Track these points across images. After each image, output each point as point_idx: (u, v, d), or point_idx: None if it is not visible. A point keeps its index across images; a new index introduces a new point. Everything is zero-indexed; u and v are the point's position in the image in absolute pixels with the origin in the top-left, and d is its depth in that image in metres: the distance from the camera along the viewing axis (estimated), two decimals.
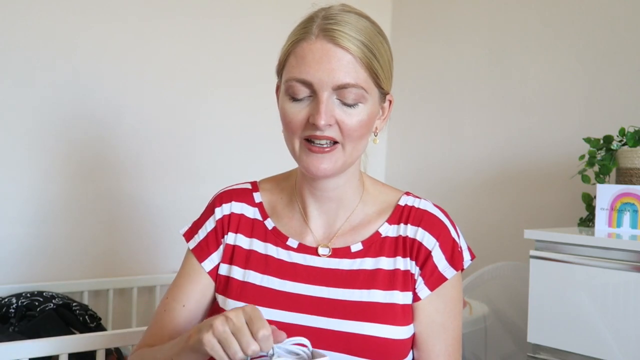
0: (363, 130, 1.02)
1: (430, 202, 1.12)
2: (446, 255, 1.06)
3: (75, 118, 2.00)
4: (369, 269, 1.06)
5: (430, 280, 1.05)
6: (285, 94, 1.02)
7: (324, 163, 1.01)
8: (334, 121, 0.99)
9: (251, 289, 1.07)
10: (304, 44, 1.00)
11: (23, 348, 1.38)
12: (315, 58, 0.98)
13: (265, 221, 1.12)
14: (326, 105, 0.98)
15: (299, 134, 1.01)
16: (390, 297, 1.03)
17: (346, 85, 0.98)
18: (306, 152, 1.01)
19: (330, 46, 0.99)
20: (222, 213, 1.13)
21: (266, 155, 2.33)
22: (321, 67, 0.98)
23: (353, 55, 0.99)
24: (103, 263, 2.07)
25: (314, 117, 0.98)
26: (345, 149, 1.01)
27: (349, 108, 1.00)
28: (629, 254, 1.44)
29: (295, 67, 1.00)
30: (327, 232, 1.10)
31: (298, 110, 1.00)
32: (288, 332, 1.00)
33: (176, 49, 2.20)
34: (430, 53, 2.57)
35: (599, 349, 1.47)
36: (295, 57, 1.01)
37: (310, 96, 1.00)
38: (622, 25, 2.01)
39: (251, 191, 1.15)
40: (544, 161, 2.17)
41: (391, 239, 1.08)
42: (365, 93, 1.00)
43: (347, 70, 0.98)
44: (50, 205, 1.97)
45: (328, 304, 1.04)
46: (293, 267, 1.07)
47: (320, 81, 0.98)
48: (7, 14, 1.87)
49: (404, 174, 2.62)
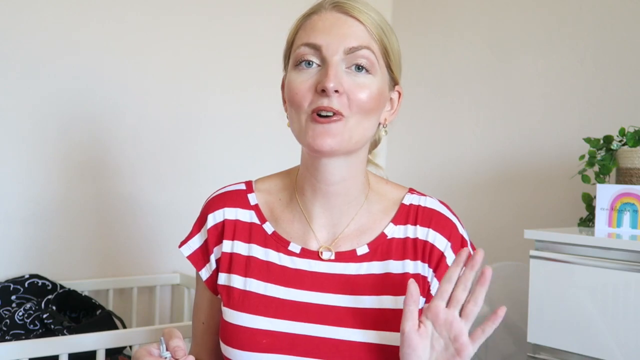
0: (371, 104, 0.97)
1: (436, 200, 1.09)
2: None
3: (75, 118, 2.00)
4: (378, 274, 1.01)
5: None
6: (292, 65, 0.99)
7: (328, 137, 0.94)
8: (342, 89, 0.94)
9: (254, 299, 1.01)
10: (314, 16, 0.98)
11: (23, 348, 1.38)
12: (326, 25, 0.96)
13: (263, 225, 1.06)
14: (336, 69, 0.94)
15: (305, 107, 0.96)
16: (401, 303, 0.99)
17: (358, 47, 0.95)
18: (312, 126, 0.95)
19: (342, 15, 0.97)
20: (214, 221, 1.08)
21: (267, 157, 2.34)
22: (332, 32, 0.95)
23: (365, 25, 0.97)
24: (103, 263, 2.07)
25: (322, 83, 0.93)
26: (350, 123, 0.96)
27: (358, 75, 0.96)
28: (629, 254, 1.44)
29: (304, 36, 0.97)
30: (331, 232, 1.04)
31: (305, 79, 0.96)
32: (296, 343, 0.98)
33: (177, 48, 2.20)
34: (430, 53, 2.57)
35: (599, 349, 1.47)
36: (304, 29, 0.99)
37: (319, 65, 0.96)
38: (622, 25, 2.01)
39: (245, 192, 1.09)
40: (544, 161, 2.17)
41: (398, 241, 1.04)
42: (375, 62, 0.97)
43: (358, 35, 0.96)
44: (50, 205, 1.97)
45: (337, 312, 0.99)
46: (297, 274, 1.02)
47: (330, 44, 0.95)
48: (7, 13, 1.87)
49: (404, 174, 2.62)
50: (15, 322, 1.68)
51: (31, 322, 1.68)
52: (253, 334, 0.99)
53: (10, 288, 1.81)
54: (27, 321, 1.68)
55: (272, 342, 0.98)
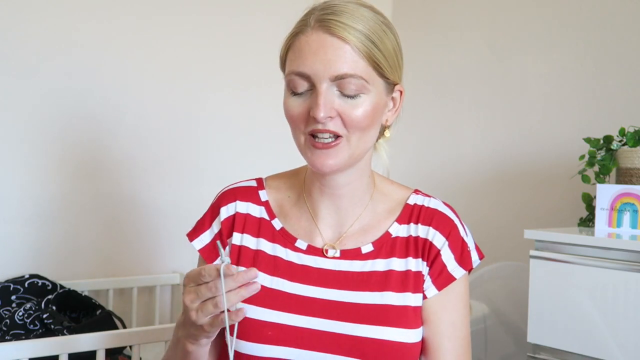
0: (368, 121, 0.98)
1: (440, 201, 1.10)
2: (455, 255, 1.05)
3: (75, 118, 2.00)
4: (381, 271, 1.03)
5: (438, 279, 1.03)
6: (287, 89, 1.00)
7: (329, 159, 0.97)
8: (335, 113, 0.96)
9: (261, 292, 1.00)
10: (301, 37, 0.98)
11: (23, 348, 1.38)
12: (312, 50, 0.96)
13: (272, 221, 1.09)
14: (325, 97, 0.95)
15: (302, 129, 0.98)
16: (404, 300, 1.01)
17: (344, 75, 0.95)
18: (311, 148, 0.98)
19: (326, 36, 0.96)
20: (227, 213, 1.09)
21: (268, 156, 2.33)
22: (317, 59, 0.95)
23: (350, 44, 0.96)
24: (103, 263, 2.07)
25: (313, 111, 0.95)
26: (351, 142, 0.98)
27: (350, 99, 0.97)
28: (629, 254, 1.44)
29: (294, 61, 0.98)
30: (337, 232, 1.07)
31: (298, 104, 0.98)
32: (301, 337, 0.99)
33: (177, 47, 2.20)
34: (430, 53, 2.57)
35: (599, 349, 1.47)
36: (293, 51, 0.99)
37: (310, 90, 0.97)
38: (622, 25, 2.01)
39: (257, 189, 1.12)
40: (544, 161, 2.17)
41: (402, 239, 1.06)
42: (365, 83, 0.97)
43: (344, 60, 0.95)
44: (50, 205, 1.97)
45: (341, 308, 1.01)
46: (303, 269, 1.04)
47: (317, 73, 0.95)
48: (6, 12, 1.87)
49: (404, 174, 2.61)
50: (15, 322, 1.68)
51: (31, 322, 1.68)
52: (259, 326, 1.01)
53: (10, 288, 1.81)
54: (27, 321, 1.68)
55: (277, 334, 0.99)
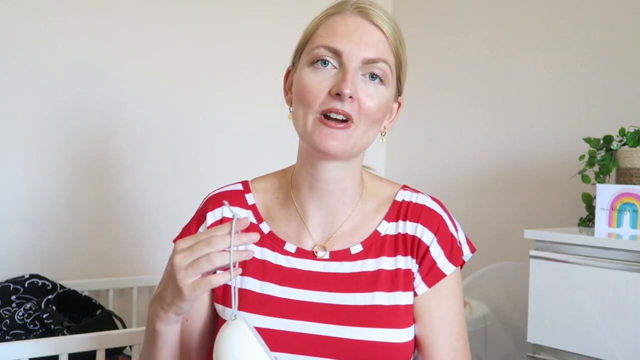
0: (379, 114, 1.00)
1: (428, 196, 1.09)
2: (445, 251, 1.04)
3: (74, 118, 2.00)
4: (371, 271, 1.02)
5: (428, 276, 1.03)
6: (306, 64, 1.00)
7: (336, 140, 0.97)
8: (356, 96, 0.97)
9: (250, 297, 1.02)
10: (337, 17, 1.00)
11: (23, 348, 1.38)
12: (349, 30, 0.98)
13: (260, 225, 1.08)
14: (353, 76, 0.96)
15: (315, 107, 0.98)
16: (394, 299, 1.01)
17: (376, 59, 0.97)
18: (320, 127, 0.97)
19: (365, 22, 0.99)
20: (214, 218, 1.08)
21: (266, 156, 2.33)
22: (353, 39, 0.97)
23: (385, 34, 0.99)
24: (103, 263, 2.07)
25: (338, 86, 0.95)
26: (358, 130, 0.98)
27: (371, 83, 0.98)
28: (629, 254, 1.44)
29: (325, 37, 0.99)
30: (326, 232, 1.06)
31: (320, 81, 0.98)
32: (291, 341, 0.99)
33: (177, 47, 2.20)
34: (430, 53, 2.57)
35: (599, 349, 1.47)
36: (325, 28, 1.00)
37: (335, 68, 0.98)
38: (622, 25, 2.01)
39: (243, 192, 1.11)
40: (544, 161, 2.17)
41: (391, 237, 1.05)
42: (390, 74, 1.00)
43: (378, 46, 0.98)
44: (50, 205, 1.97)
45: (331, 310, 1.00)
46: (292, 273, 1.03)
47: (350, 52, 0.97)
48: (5, 13, 1.87)
49: (404, 174, 2.62)
50: (15, 322, 1.68)
51: (31, 322, 1.68)
52: None
53: (10, 288, 1.81)
54: (27, 321, 1.68)
55: (268, 339, 0.98)
